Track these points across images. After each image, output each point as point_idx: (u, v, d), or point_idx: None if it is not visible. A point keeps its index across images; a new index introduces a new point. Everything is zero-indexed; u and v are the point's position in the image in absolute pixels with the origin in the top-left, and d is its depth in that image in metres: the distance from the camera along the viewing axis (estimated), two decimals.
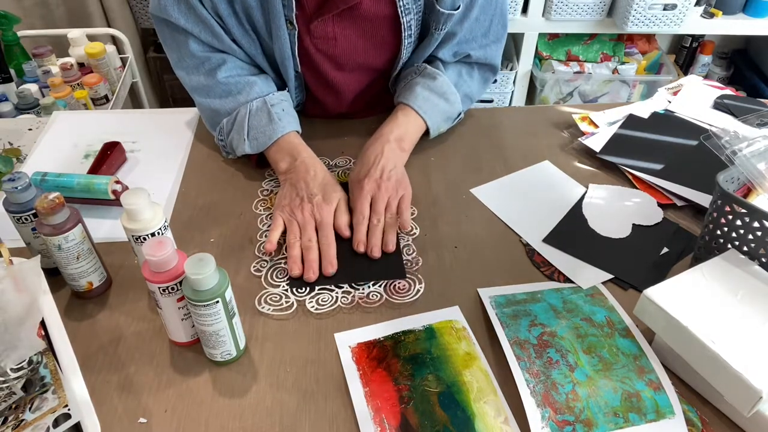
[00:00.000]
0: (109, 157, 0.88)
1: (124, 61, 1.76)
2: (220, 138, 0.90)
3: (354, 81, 0.94)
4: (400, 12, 0.84)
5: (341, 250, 0.76)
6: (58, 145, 0.95)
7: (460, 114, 0.96)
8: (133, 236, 0.65)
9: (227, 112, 0.88)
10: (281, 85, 0.92)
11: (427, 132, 0.91)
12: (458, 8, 0.84)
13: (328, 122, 0.99)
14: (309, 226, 0.77)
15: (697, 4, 1.92)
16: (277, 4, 0.80)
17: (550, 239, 0.79)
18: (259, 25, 0.84)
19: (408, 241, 0.79)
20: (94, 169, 0.86)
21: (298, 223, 0.77)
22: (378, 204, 0.79)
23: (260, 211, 0.84)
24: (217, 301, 0.58)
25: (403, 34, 0.87)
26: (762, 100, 1.04)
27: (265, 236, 0.79)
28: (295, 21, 0.83)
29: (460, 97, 0.93)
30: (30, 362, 0.57)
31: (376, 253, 0.75)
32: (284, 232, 0.78)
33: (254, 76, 0.89)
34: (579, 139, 0.95)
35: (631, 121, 0.98)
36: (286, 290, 0.72)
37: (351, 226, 0.78)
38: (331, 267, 0.73)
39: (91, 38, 1.68)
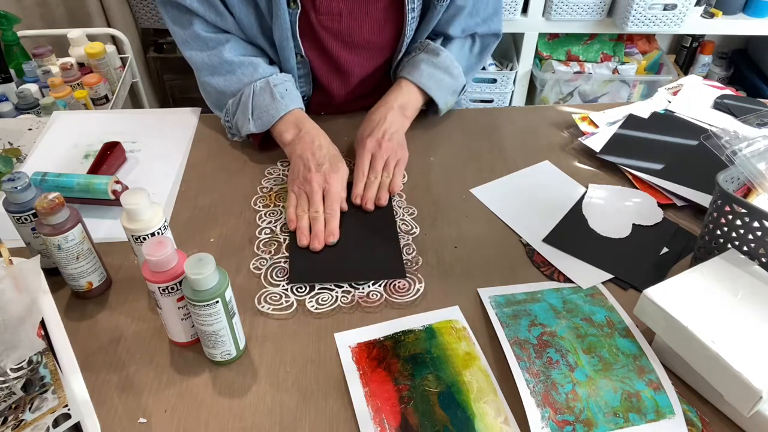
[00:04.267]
0: (109, 157, 0.88)
1: (124, 61, 1.76)
2: (227, 119, 0.92)
3: (360, 60, 0.95)
4: None
5: (342, 250, 0.76)
6: (58, 145, 0.95)
7: (464, 87, 0.97)
8: (133, 236, 0.65)
9: (232, 93, 0.90)
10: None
11: (435, 110, 0.96)
12: None
13: (329, 121, 0.98)
14: (317, 196, 0.79)
15: (697, 4, 1.92)
16: None
17: (550, 239, 0.79)
18: (262, 5, 0.85)
19: (408, 240, 0.79)
20: (94, 169, 0.86)
21: (306, 194, 0.80)
22: (377, 162, 0.83)
23: (259, 207, 0.84)
24: (217, 301, 0.58)
25: (407, 8, 0.87)
26: (762, 100, 1.04)
27: (264, 233, 0.79)
28: None
29: (462, 69, 0.95)
30: (30, 362, 0.57)
31: (370, 206, 0.81)
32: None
33: (257, 57, 0.91)
34: (579, 139, 0.95)
35: (631, 121, 0.98)
36: (286, 289, 0.72)
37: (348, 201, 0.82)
38: (332, 237, 0.76)
39: (91, 38, 1.67)
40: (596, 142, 0.94)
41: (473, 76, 1.01)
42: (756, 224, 0.65)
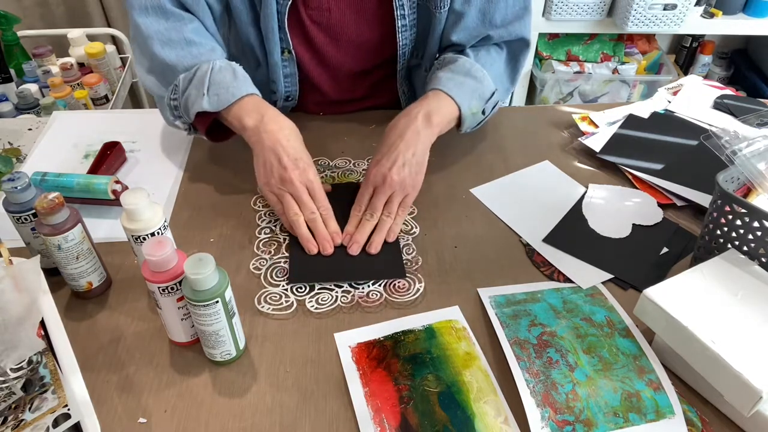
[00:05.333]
0: (108, 157, 0.88)
1: (124, 61, 1.76)
2: (173, 97, 0.81)
3: (348, 57, 0.93)
4: None
5: (342, 250, 0.76)
6: (58, 145, 0.95)
7: (494, 93, 0.88)
8: (132, 236, 0.65)
9: (185, 68, 0.80)
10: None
11: (459, 120, 0.85)
12: None
13: (328, 122, 0.99)
14: (305, 196, 0.75)
15: (697, 4, 1.92)
16: None
17: (550, 239, 0.79)
18: None
19: (408, 240, 0.79)
20: (94, 169, 0.86)
21: (291, 194, 0.75)
22: (377, 198, 0.76)
23: (259, 207, 0.84)
24: (217, 301, 0.58)
25: (396, 12, 0.86)
26: (762, 100, 1.04)
27: (264, 233, 0.79)
28: None
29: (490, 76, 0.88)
30: (30, 362, 0.57)
31: (354, 251, 0.74)
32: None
33: (219, 44, 0.85)
34: (579, 139, 0.95)
35: (631, 121, 0.98)
36: (286, 290, 0.72)
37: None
38: (339, 236, 0.75)
39: (91, 38, 1.68)
40: (596, 142, 0.94)
41: (509, 86, 0.94)
42: (756, 224, 0.65)
